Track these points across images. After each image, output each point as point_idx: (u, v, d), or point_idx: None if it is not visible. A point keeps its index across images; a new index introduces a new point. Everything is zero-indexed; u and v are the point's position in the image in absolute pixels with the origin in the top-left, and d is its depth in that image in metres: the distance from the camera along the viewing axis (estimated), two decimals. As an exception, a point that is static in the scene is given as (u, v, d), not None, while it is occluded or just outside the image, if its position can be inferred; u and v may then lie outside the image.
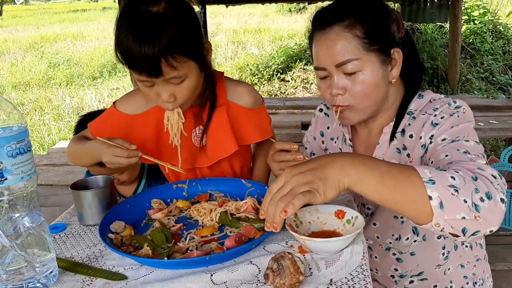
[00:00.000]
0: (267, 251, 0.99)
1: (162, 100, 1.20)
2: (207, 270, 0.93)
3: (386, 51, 1.16)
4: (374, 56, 1.14)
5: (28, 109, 7.26)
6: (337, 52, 1.13)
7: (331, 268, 0.91)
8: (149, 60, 1.10)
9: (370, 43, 1.13)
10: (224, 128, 1.35)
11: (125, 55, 1.14)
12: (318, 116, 1.50)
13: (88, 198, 1.19)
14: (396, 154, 1.23)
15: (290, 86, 7.46)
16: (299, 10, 14.76)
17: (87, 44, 12.71)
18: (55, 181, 3.93)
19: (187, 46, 1.14)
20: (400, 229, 1.25)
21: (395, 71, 1.19)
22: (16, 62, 10.95)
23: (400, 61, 1.18)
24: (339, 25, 1.14)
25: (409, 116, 1.23)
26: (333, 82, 1.17)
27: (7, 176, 0.86)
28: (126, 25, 1.13)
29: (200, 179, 1.33)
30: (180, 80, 1.17)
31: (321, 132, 1.47)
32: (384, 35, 1.16)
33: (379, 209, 1.27)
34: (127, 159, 1.18)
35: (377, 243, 1.31)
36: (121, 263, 1.00)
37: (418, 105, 1.23)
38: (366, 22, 1.13)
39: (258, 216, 1.11)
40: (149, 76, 1.14)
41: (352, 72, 1.14)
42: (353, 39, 1.12)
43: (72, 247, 1.10)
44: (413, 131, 1.20)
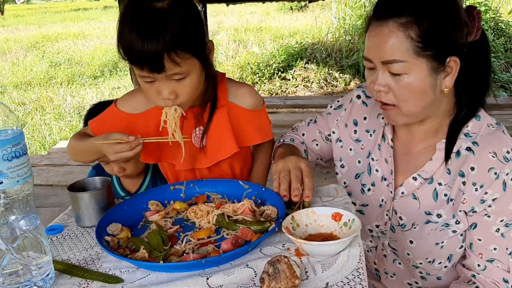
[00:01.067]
0: (264, 254, 0.99)
1: (162, 97, 1.19)
2: (203, 273, 0.93)
3: (440, 58, 1.06)
4: (424, 62, 1.06)
5: (29, 109, 7.26)
6: (386, 49, 1.07)
7: (328, 272, 0.91)
8: (152, 55, 1.10)
9: (423, 47, 1.05)
10: (224, 129, 1.35)
11: (127, 50, 1.14)
12: (354, 103, 1.36)
13: (85, 200, 1.19)
14: (446, 175, 1.16)
15: (291, 85, 7.44)
16: (300, 9, 14.73)
17: (88, 43, 12.70)
18: (55, 181, 3.93)
19: (190, 42, 1.14)
20: (437, 254, 1.20)
21: (448, 80, 1.09)
22: (18, 61, 10.95)
23: (456, 70, 1.08)
24: (395, 21, 1.05)
25: (467, 138, 1.14)
26: (377, 78, 1.11)
27: (2, 180, 0.86)
28: (130, 20, 1.13)
29: (198, 181, 1.32)
30: (182, 76, 1.16)
31: (354, 120, 1.35)
32: (442, 41, 1.05)
33: (422, 230, 1.20)
34: (132, 151, 1.18)
35: (406, 259, 1.26)
36: (117, 265, 1.00)
37: (477, 128, 1.14)
38: (424, 24, 1.04)
39: (255, 218, 1.11)
40: (151, 72, 1.14)
41: (397, 73, 1.07)
42: (405, 39, 1.05)
43: (69, 249, 1.10)
44: (476, 166, 1.11)
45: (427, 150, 1.21)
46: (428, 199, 1.19)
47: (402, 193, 1.22)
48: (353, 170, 1.34)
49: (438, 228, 1.17)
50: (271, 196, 1.19)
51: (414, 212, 1.21)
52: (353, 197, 1.33)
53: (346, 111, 1.37)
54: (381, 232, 1.29)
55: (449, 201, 1.16)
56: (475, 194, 1.11)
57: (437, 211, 1.17)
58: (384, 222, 1.27)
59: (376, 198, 1.28)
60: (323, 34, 8.75)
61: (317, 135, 1.41)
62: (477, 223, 1.13)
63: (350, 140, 1.35)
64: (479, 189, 1.10)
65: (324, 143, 1.41)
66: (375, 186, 1.28)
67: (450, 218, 1.16)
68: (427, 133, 1.20)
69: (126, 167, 1.65)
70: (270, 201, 1.18)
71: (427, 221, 1.19)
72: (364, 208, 1.31)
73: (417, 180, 1.20)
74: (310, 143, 1.40)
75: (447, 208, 1.16)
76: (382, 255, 1.32)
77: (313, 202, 1.22)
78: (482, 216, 1.12)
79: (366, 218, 1.31)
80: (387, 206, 1.26)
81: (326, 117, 1.41)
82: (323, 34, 8.72)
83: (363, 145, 1.32)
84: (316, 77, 7.44)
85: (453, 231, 1.16)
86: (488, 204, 1.10)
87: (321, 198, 1.25)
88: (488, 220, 1.11)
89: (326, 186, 1.31)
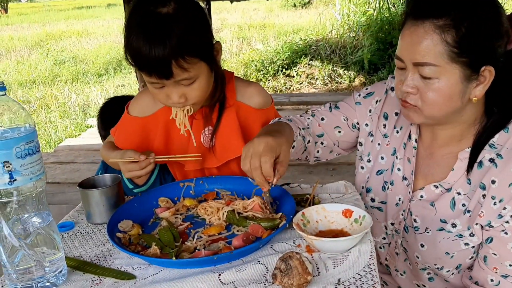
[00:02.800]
0: (275, 250, 1.00)
1: (172, 101, 1.20)
2: (215, 269, 0.94)
3: (475, 66, 1.01)
4: (457, 68, 1.01)
5: (35, 107, 7.28)
6: (419, 50, 1.02)
7: (339, 268, 0.91)
8: (160, 63, 1.10)
9: (458, 53, 1.00)
10: (233, 129, 1.35)
11: (135, 57, 1.14)
12: (389, 95, 1.30)
13: (95, 197, 1.20)
14: (466, 185, 1.13)
15: (295, 82, 7.43)
16: (304, 5, 14.69)
17: (92, 41, 12.72)
18: (62, 179, 3.95)
19: (197, 47, 1.14)
20: (446, 262, 1.18)
21: (479, 89, 1.04)
22: (22, 59, 10.98)
23: (489, 80, 1.03)
24: (432, 22, 1.00)
25: (491, 149, 1.09)
26: (406, 78, 1.07)
27: (16, 177, 0.87)
28: (135, 26, 1.13)
29: (207, 177, 1.33)
30: (191, 81, 1.16)
31: (385, 114, 1.29)
32: (479, 49, 1.00)
33: (434, 236, 1.18)
34: (143, 170, 1.24)
35: (414, 261, 1.25)
36: (129, 262, 1.01)
37: (503, 140, 1.09)
38: (462, 29, 0.99)
39: (265, 214, 1.11)
40: (160, 78, 1.14)
41: (428, 76, 1.03)
42: (440, 43, 1.00)
43: (80, 245, 1.11)
44: (497, 180, 1.07)
45: (449, 157, 1.17)
46: (445, 207, 1.16)
47: (421, 197, 1.21)
48: (376, 166, 1.31)
49: (451, 238, 1.15)
50: (281, 193, 1.19)
51: (429, 217, 1.19)
52: (373, 193, 1.31)
53: (379, 102, 1.31)
54: (395, 231, 1.28)
55: (466, 212, 1.13)
56: (493, 208, 1.08)
57: (453, 221, 1.15)
58: (399, 222, 1.26)
59: (393, 196, 1.26)
60: (327, 30, 8.72)
61: (342, 122, 1.34)
62: (493, 237, 1.10)
63: (379, 134, 1.31)
64: (498, 203, 1.07)
65: (350, 130, 1.34)
66: (393, 185, 1.26)
67: (465, 229, 1.14)
68: (451, 139, 1.17)
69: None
70: (280, 198, 1.18)
71: (440, 228, 1.17)
72: (383, 206, 1.30)
73: (438, 188, 1.18)
74: (331, 129, 1.33)
75: (464, 219, 1.14)
76: (394, 252, 1.32)
77: (322, 199, 1.22)
78: (499, 232, 1.09)
79: (383, 215, 1.30)
80: (404, 206, 1.24)
81: (354, 106, 1.34)
82: (327, 30, 8.69)
83: (389, 141, 1.29)
84: (320, 74, 7.42)
85: (466, 243, 1.14)
86: (506, 220, 1.07)
87: (331, 194, 1.25)
88: (505, 237, 1.08)
89: (335, 182, 1.31)
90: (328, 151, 1.37)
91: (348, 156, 1.48)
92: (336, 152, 1.38)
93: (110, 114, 1.49)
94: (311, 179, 3.39)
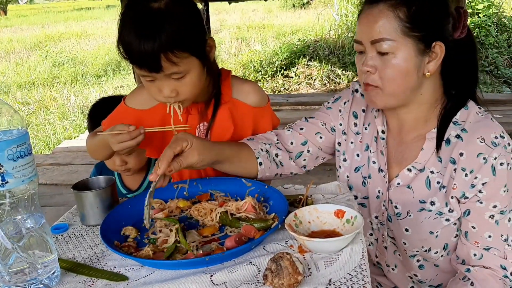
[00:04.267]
0: (267, 251, 1.00)
1: (163, 95, 1.21)
2: (207, 270, 0.94)
3: (427, 41, 1.12)
4: (410, 42, 1.11)
5: (33, 109, 7.29)
6: (375, 29, 1.12)
7: (330, 268, 0.92)
8: (149, 56, 1.12)
9: (410, 28, 1.10)
10: (228, 125, 1.37)
11: (126, 50, 1.17)
12: (354, 96, 1.39)
13: (89, 199, 1.20)
14: (437, 163, 1.19)
15: (293, 82, 7.43)
16: (303, 6, 14.71)
17: (91, 43, 12.73)
18: (60, 180, 3.95)
19: (188, 42, 1.16)
20: (432, 243, 1.22)
21: (432, 64, 1.14)
22: (21, 61, 10.99)
23: (440, 56, 1.14)
24: (386, 2, 1.12)
25: (456, 126, 1.17)
26: (366, 58, 1.16)
27: (8, 179, 0.87)
28: (128, 21, 1.16)
29: (201, 179, 1.33)
30: (181, 75, 1.18)
31: (354, 113, 1.37)
32: (429, 25, 1.12)
33: (416, 218, 1.22)
34: (134, 140, 1.22)
35: (403, 248, 1.27)
36: (122, 263, 1.01)
37: (465, 116, 1.18)
38: (412, 6, 1.10)
39: (258, 215, 1.12)
40: (150, 72, 1.16)
41: (385, 52, 1.12)
42: (394, 19, 1.11)
43: (74, 247, 1.12)
44: (465, 152, 1.14)
45: (418, 139, 1.24)
46: (422, 187, 1.21)
47: (398, 184, 1.25)
48: (353, 163, 1.35)
49: (432, 217, 1.19)
50: (274, 194, 1.20)
51: (408, 201, 1.23)
52: (355, 191, 1.35)
53: (347, 103, 1.39)
54: (380, 223, 1.31)
55: (441, 188, 1.18)
56: (465, 180, 1.13)
57: (431, 199, 1.19)
58: (381, 213, 1.29)
59: (373, 190, 1.30)
60: (325, 31, 8.73)
61: (321, 127, 1.40)
62: (470, 209, 1.15)
63: (351, 133, 1.37)
64: (468, 174, 1.13)
65: (330, 134, 1.40)
66: (371, 178, 1.30)
67: (443, 206, 1.18)
68: (417, 122, 1.23)
69: (128, 161, 1.66)
70: (273, 199, 1.19)
71: (421, 208, 1.21)
72: (365, 201, 1.33)
73: (411, 171, 1.22)
74: (312, 136, 1.39)
75: (440, 195, 1.18)
76: (382, 247, 1.33)
77: (315, 200, 1.22)
78: (474, 203, 1.14)
79: (367, 211, 1.33)
80: (384, 197, 1.28)
81: (326, 111, 1.41)
82: (326, 31, 8.71)
83: (361, 138, 1.35)
84: (318, 74, 7.43)
85: (447, 219, 1.18)
86: (479, 189, 1.12)
87: (324, 195, 1.25)
88: (481, 207, 1.13)
89: (329, 183, 1.32)
90: (314, 157, 1.41)
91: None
92: (321, 157, 1.43)
93: (101, 115, 1.50)
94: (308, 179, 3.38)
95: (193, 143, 1.12)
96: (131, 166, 1.67)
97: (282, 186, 1.34)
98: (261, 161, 1.29)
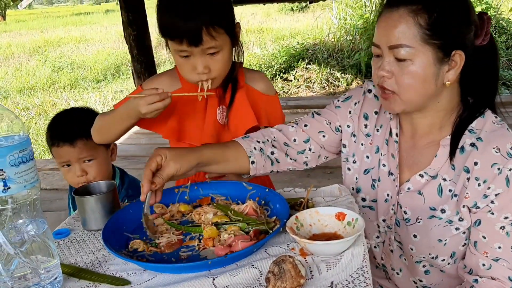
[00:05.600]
0: (269, 254, 1.00)
1: (197, 72, 1.30)
2: (210, 274, 0.94)
3: (446, 50, 1.09)
4: (430, 50, 1.08)
5: (33, 114, 7.30)
6: (394, 34, 1.09)
7: (332, 271, 0.92)
8: (192, 30, 1.22)
9: (430, 35, 1.07)
10: (244, 106, 1.45)
11: (168, 26, 1.26)
12: (366, 96, 1.36)
13: (91, 204, 1.20)
14: (451, 171, 1.17)
15: (293, 86, 7.45)
16: (301, 9, 14.75)
17: (91, 47, 12.76)
18: (60, 185, 3.94)
19: (225, 20, 1.29)
20: (440, 251, 1.21)
21: (451, 73, 1.11)
22: (21, 66, 11.02)
23: (460, 65, 1.11)
24: (406, 7, 1.09)
25: (471, 134, 1.15)
26: (383, 63, 1.14)
27: (10, 185, 0.87)
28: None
29: (202, 183, 1.34)
30: (215, 50, 1.28)
31: (365, 114, 1.35)
32: (449, 33, 1.08)
33: (425, 225, 1.20)
34: (162, 102, 1.27)
35: (409, 253, 1.26)
36: (124, 268, 1.02)
37: (480, 124, 1.15)
38: (434, 13, 1.07)
39: (259, 219, 1.12)
40: (190, 45, 1.25)
41: (403, 58, 1.09)
42: (414, 26, 1.07)
43: (76, 252, 1.12)
44: (479, 161, 1.11)
45: (432, 145, 1.21)
46: (433, 194, 1.19)
47: (408, 189, 1.23)
48: (362, 165, 1.34)
49: (442, 224, 1.18)
50: (274, 197, 1.20)
51: (418, 207, 1.21)
52: (363, 193, 1.33)
53: (358, 104, 1.37)
54: (387, 227, 1.30)
55: (453, 196, 1.16)
56: (478, 189, 1.11)
57: (442, 207, 1.18)
58: (390, 217, 1.28)
59: (382, 193, 1.29)
60: (324, 34, 8.76)
61: (325, 126, 1.38)
62: (481, 219, 1.13)
63: (361, 135, 1.35)
64: (482, 184, 1.11)
65: (334, 134, 1.38)
66: (381, 181, 1.29)
67: (454, 214, 1.16)
68: (431, 128, 1.21)
69: (88, 171, 1.63)
70: (273, 202, 1.19)
71: (431, 216, 1.19)
72: (374, 204, 1.32)
73: (423, 177, 1.21)
74: (315, 134, 1.38)
75: (451, 204, 1.17)
76: (389, 250, 1.33)
77: (316, 202, 1.23)
78: (486, 213, 1.12)
79: (375, 214, 1.32)
80: (393, 201, 1.27)
81: (335, 110, 1.39)
82: (324, 34, 8.73)
83: (371, 140, 1.32)
84: (318, 77, 7.44)
85: (456, 228, 1.17)
86: (491, 199, 1.10)
87: (325, 198, 1.26)
88: (492, 217, 1.11)
89: (329, 186, 1.32)
90: (316, 156, 1.40)
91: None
92: (324, 156, 1.41)
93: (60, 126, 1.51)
94: (308, 183, 3.40)
95: (167, 155, 1.14)
96: (91, 178, 1.62)
97: (283, 190, 1.35)
98: (253, 159, 1.29)
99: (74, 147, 1.59)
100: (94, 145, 1.57)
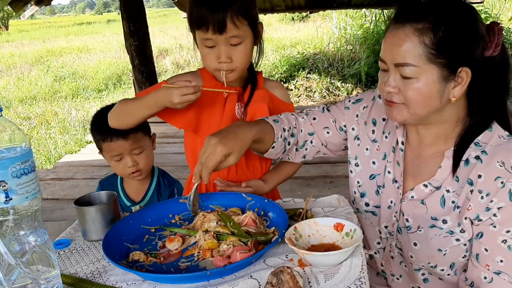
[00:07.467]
0: (268, 265, 1.01)
1: (220, 60, 1.38)
2: (208, 284, 0.95)
3: (452, 67, 1.09)
4: (435, 69, 1.08)
5: (35, 123, 7.32)
6: (399, 52, 1.10)
7: (330, 281, 0.93)
8: (218, 18, 1.31)
9: (435, 54, 1.07)
10: (261, 105, 1.49)
11: (197, 15, 1.34)
12: (376, 102, 1.36)
13: (91, 214, 1.21)
14: (454, 182, 1.17)
15: (293, 95, 7.47)
16: (302, 19, 14.83)
17: (92, 57, 12.82)
18: (61, 195, 3.95)
19: (249, 12, 1.37)
20: (439, 260, 1.21)
21: (457, 89, 1.11)
22: (23, 76, 11.06)
23: (466, 81, 1.10)
24: (412, 26, 1.08)
25: (477, 147, 1.15)
26: (389, 79, 1.14)
27: (12, 196, 0.88)
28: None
29: (201, 194, 1.34)
30: (239, 40, 1.36)
31: (373, 120, 1.35)
32: (455, 51, 1.08)
33: (426, 234, 1.21)
34: (195, 94, 1.33)
35: (409, 261, 1.27)
36: (124, 278, 1.02)
37: (487, 137, 1.15)
38: (439, 32, 1.06)
39: (258, 229, 1.13)
40: (214, 33, 1.33)
41: (407, 76, 1.10)
42: (419, 45, 1.07)
43: (76, 262, 1.12)
44: (483, 174, 1.11)
45: (437, 156, 1.22)
46: (436, 205, 1.20)
47: (412, 197, 1.24)
48: (367, 170, 1.34)
49: (442, 235, 1.18)
50: (273, 207, 1.21)
51: (420, 216, 1.22)
52: (367, 198, 1.34)
53: (366, 108, 1.37)
54: (389, 233, 1.31)
55: (456, 208, 1.17)
56: (480, 202, 1.11)
57: (444, 217, 1.18)
58: (392, 223, 1.29)
59: (386, 199, 1.30)
60: (324, 44, 8.80)
61: (331, 123, 1.40)
62: (483, 232, 1.13)
63: (367, 140, 1.36)
64: (485, 197, 1.11)
65: (337, 132, 1.40)
66: (385, 188, 1.30)
67: (455, 226, 1.17)
68: (437, 139, 1.22)
69: (139, 161, 1.68)
70: (273, 212, 1.20)
71: (432, 225, 1.20)
72: (377, 210, 1.33)
73: (427, 187, 1.21)
74: (320, 129, 1.40)
75: (454, 215, 1.17)
76: (389, 256, 1.33)
77: (315, 213, 1.24)
78: (488, 226, 1.12)
79: (377, 219, 1.32)
80: (396, 208, 1.27)
81: (343, 110, 1.41)
82: (325, 44, 8.78)
83: (378, 146, 1.33)
84: (318, 86, 7.47)
85: (457, 239, 1.17)
86: (493, 213, 1.10)
87: (323, 208, 1.27)
88: (494, 231, 1.11)
89: (328, 196, 1.33)
90: (316, 150, 1.43)
91: (345, 169, 1.50)
92: (322, 152, 1.44)
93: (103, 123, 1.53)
94: (308, 192, 3.40)
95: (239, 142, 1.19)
96: (142, 167, 1.69)
97: (282, 200, 1.36)
98: (274, 145, 1.32)
99: (127, 140, 1.64)
100: (141, 137, 1.67)
